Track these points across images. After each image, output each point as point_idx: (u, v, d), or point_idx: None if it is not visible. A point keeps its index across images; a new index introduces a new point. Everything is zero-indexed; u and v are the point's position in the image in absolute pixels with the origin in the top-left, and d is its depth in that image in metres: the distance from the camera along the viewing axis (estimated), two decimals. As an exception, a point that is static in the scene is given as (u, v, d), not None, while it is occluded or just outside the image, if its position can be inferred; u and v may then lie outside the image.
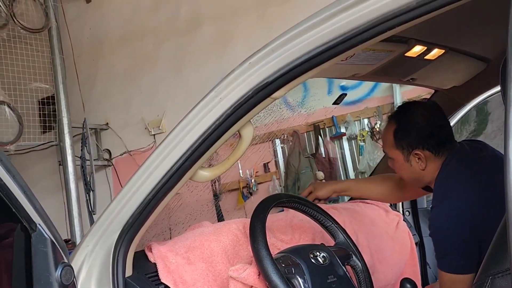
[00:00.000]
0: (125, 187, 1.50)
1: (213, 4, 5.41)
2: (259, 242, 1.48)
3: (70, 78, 5.76)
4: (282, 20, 4.72)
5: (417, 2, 1.14)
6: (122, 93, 5.95)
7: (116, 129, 5.94)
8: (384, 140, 2.06)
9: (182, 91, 5.44)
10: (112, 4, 6.05)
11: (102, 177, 5.90)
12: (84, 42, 6.15)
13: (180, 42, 5.60)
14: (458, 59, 1.98)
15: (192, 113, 1.42)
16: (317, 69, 1.34)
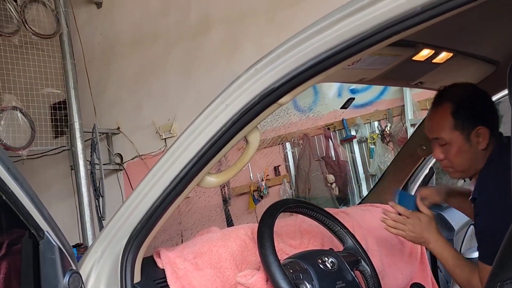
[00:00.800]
0: (133, 193, 1.50)
1: (222, 7, 5.42)
2: (267, 248, 1.48)
3: (82, 83, 5.79)
4: (291, 23, 4.72)
5: (422, 7, 1.14)
6: (133, 97, 5.98)
7: (127, 133, 5.97)
8: (437, 125, 1.89)
9: (193, 94, 5.46)
10: (122, 9, 6.08)
11: (114, 181, 5.93)
12: (95, 47, 6.19)
13: (190, 46, 5.62)
14: (466, 62, 1.97)
15: (199, 120, 1.42)
16: (323, 74, 1.33)
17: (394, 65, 1.76)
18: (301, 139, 5.11)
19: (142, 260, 1.57)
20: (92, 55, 6.13)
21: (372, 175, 4.88)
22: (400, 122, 4.77)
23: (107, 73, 6.15)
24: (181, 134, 1.45)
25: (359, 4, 1.22)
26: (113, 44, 6.12)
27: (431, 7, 1.13)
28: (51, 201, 6.18)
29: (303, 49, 1.30)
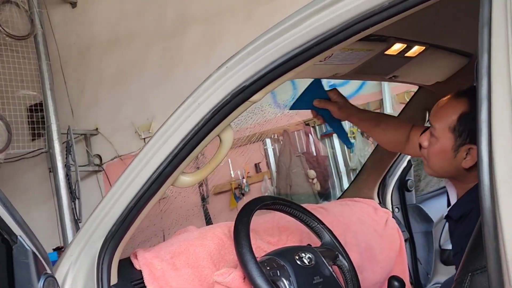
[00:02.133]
0: (107, 195, 1.49)
1: (199, 5, 5.40)
2: (243, 246, 1.48)
3: (58, 84, 5.74)
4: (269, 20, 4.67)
5: (389, 2, 1.14)
6: (111, 98, 5.93)
7: (106, 134, 5.93)
8: (440, 114, 1.75)
9: (171, 94, 5.43)
10: (98, 8, 6.03)
11: (93, 183, 5.88)
12: (71, 48, 6.13)
13: (168, 45, 5.59)
14: (439, 55, 1.98)
15: (171, 119, 1.42)
16: (294, 71, 1.34)
17: (367, 59, 1.77)
18: (281, 135, 5.11)
19: (118, 261, 1.56)
20: (68, 56, 6.07)
21: (353, 169, 4.90)
22: (379, 116, 4.79)
23: (84, 73, 6.09)
24: (154, 134, 1.44)
25: (327, 1, 1.23)
26: (89, 44, 6.06)
27: (398, 2, 1.13)
28: (30, 204, 6.12)
29: (274, 47, 1.30)
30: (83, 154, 5.90)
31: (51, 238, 5.42)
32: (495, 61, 0.98)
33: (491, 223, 0.96)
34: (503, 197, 0.94)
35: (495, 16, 0.99)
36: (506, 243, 0.93)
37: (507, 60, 0.96)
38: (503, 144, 0.95)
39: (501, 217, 0.94)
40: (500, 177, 0.95)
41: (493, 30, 0.99)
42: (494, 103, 0.97)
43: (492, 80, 0.98)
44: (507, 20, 0.97)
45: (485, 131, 0.98)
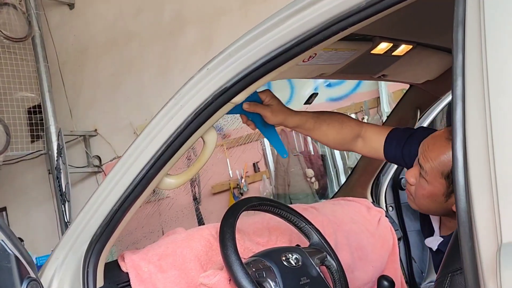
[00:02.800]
0: (91, 198, 1.50)
1: (195, 5, 5.40)
2: (228, 248, 1.48)
3: (57, 86, 5.75)
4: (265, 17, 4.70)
5: (366, 2, 1.14)
6: (109, 98, 5.95)
7: (105, 134, 5.94)
8: (432, 160, 1.62)
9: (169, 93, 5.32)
10: (95, 10, 6.04)
11: (93, 184, 5.90)
12: (69, 49, 6.15)
13: (165, 45, 5.60)
14: (427, 53, 1.98)
15: (154, 122, 1.42)
16: (275, 71, 1.34)
17: (354, 59, 1.76)
18: (279, 134, 5.10)
19: (105, 264, 1.56)
20: (66, 57, 6.08)
21: (351, 168, 4.89)
22: (377, 114, 4.79)
23: (82, 75, 6.11)
24: (136, 137, 1.44)
25: (306, 1, 1.23)
26: (87, 45, 6.08)
27: (375, 2, 1.13)
28: (30, 206, 6.15)
29: (254, 48, 1.30)
30: (82, 156, 5.91)
31: (51, 240, 5.44)
32: (469, 61, 0.98)
33: (467, 224, 0.96)
34: (477, 198, 0.94)
35: (469, 16, 0.99)
36: (480, 244, 0.93)
37: (481, 60, 0.96)
38: (477, 144, 0.95)
39: (475, 218, 0.94)
40: (474, 177, 0.95)
41: (467, 29, 0.99)
42: (468, 102, 0.97)
43: (466, 80, 0.98)
44: (481, 20, 0.96)
45: (460, 131, 0.98)
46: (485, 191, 0.92)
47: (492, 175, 0.92)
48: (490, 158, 0.92)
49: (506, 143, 0.91)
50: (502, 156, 0.91)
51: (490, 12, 0.95)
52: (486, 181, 0.92)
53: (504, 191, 0.90)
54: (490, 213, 0.91)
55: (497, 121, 0.93)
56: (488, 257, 0.90)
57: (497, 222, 0.89)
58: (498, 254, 0.87)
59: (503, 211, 0.89)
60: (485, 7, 0.96)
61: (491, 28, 0.95)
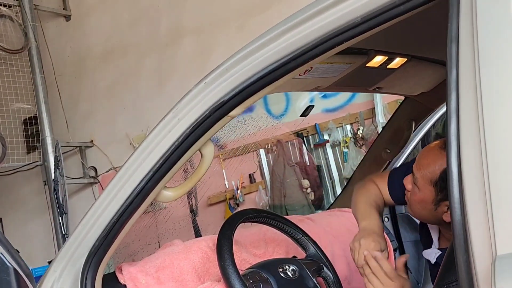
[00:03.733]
0: (90, 211, 1.50)
1: (193, 16, 5.42)
2: (226, 260, 1.49)
3: (53, 97, 5.76)
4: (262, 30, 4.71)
5: (362, 18, 1.16)
6: (106, 110, 5.95)
7: (101, 146, 5.93)
8: (422, 167, 1.68)
9: (166, 105, 5.37)
10: (92, 21, 6.06)
11: (89, 195, 5.88)
12: (66, 60, 6.15)
13: (162, 56, 5.61)
14: (422, 66, 2.00)
15: (152, 135, 1.43)
16: (272, 85, 1.35)
17: (349, 72, 1.78)
18: (275, 145, 5.12)
19: (103, 276, 1.57)
20: (62, 69, 6.09)
21: (346, 178, 4.91)
22: (372, 125, 4.81)
23: (78, 86, 6.11)
24: (135, 150, 1.45)
25: (302, 16, 1.25)
26: (83, 56, 6.09)
27: (370, 18, 1.15)
28: (27, 217, 6.14)
29: (251, 62, 1.32)
30: (78, 167, 5.91)
31: (47, 251, 5.43)
32: (463, 75, 1.00)
33: (462, 236, 0.97)
34: (472, 210, 0.95)
35: (462, 31, 1.01)
36: (475, 256, 0.94)
37: (474, 74, 0.98)
38: (471, 157, 0.97)
39: (470, 230, 0.95)
40: (469, 190, 0.96)
41: (461, 45, 1.01)
42: (462, 116, 0.99)
43: (460, 94, 1.00)
44: (474, 36, 0.98)
45: (454, 144, 1.00)
46: (479, 204, 0.94)
47: (486, 187, 0.93)
48: (484, 171, 0.94)
49: (500, 156, 0.93)
50: (496, 169, 0.93)
51: (483, 28, 0.97)
52: (480, 194, 0.94)
53: (498, 204, 0.91)
54: (484, 225, 0.92)
55: (491, 134, 0.94)
56: (483, 269, 0.92)
57: (491, 235, 0.91)
58: (493, 266, 0.89)
59: (497, 224, 0.91)
60: (478, 23, 0.97)
61: (484, 44, 0.97)
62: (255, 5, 5.00)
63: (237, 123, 4.93)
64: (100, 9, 5.99)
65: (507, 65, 0.94)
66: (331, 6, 1.19)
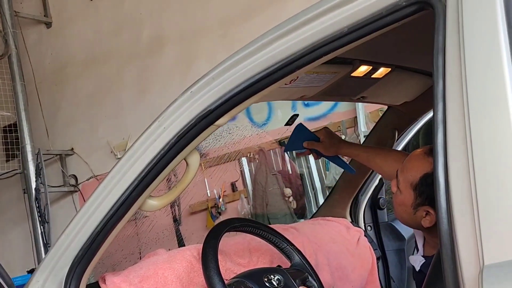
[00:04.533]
0: (73, 220, 1.49)
1: (175, 25, 5.42)
2: (211, 269, 1.48)
3: (33, 105, 5.70)
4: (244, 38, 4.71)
5: (348, 28, 1.16)
6: (87, 118, 5.91)
7: (82, 154, 5.89)
8: (405, 170, 1.72)
9: (147, 113, 5.42)
10: (73, 28, 6.02)
11: (69, 203, 5.83)
12: (46, 68, 6.11)
13: (144, 64, 5.59)
14: (405, 76, 2.02)
15: (137, 144, 1.42)
16: (259, 94, 1.35)
17: (334, 81, 1.79)
18: (257, 154, 5.12)
19: (86, 286, 1.55)
20: (43, 76, 6.04)
21: (329, 187, 4.92)
22: (354, 133, 4.83)
23: (59, 94, 6.06)
24: (119, 159, 1.44)
25: (289, 26, 1.25)
26: (64, 64, 6.04)
27: (357, 28, 1.16)
28: (7, 226, 6.06)
29: (237, 71, 1.32)
30: (58, 175, 5.85)
31: (26, 260, 5.36)
32: (450, 86, 1.01)
33: (449, 246, 0.98)
34: (459, 220, 0.96)
35: (449, 43, 1.02)
36: (462, 266, 0.95)
37: (461, 85, 0.99)
38: (458, 167, 0.97)
39: (458, 240, 0.95)
40: (456, 200, 0.97)
41: (447, 56, 1.02)
42: (449, 126, 1.00)
43: (447, 105, 1.01)
44: (460, 47, 0.99)
45: (441, 154, 1.00)
46: (466, 214, 0.95)
47: (473, 197, 0.94)
48: (471, 180, 0.95)
49: (487, 166, 0.93)
50: (483, 179, 0.93)
51: (469, 39, 0.98)
52: (467, 204, 0.94)
53: (485, 214, 0.92)
54: (472, 235, 0.93)
55: (477, 144, 0.95)
56: (470, 279, 0.92)
57: (479, 244, 0.91)
58: (480, 276, 0.89)
59: (485, 233, 0.91)
60: (464, 35, 0.98)
61: (471, 54, 0.98)
62: (238, 15, 5.02)
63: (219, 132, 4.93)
64: (82, 17, 5.96)
65: (493, 75, 0.95)
66: (318, 16, 1.19)
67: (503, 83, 0.94)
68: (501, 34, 0.95)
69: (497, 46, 0.95)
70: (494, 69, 0.95)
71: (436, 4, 1.05)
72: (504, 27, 0.95)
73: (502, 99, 0.93)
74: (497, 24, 0.95)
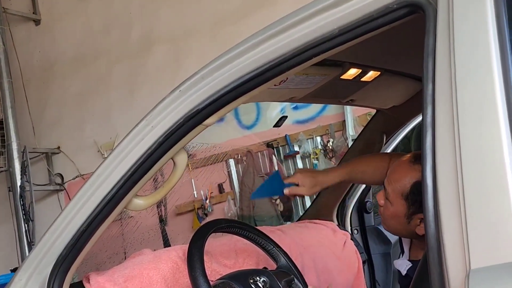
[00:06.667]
0: (58, 218, 1.47)
1: (165, 25, 5.40)
2: (197, 270, 1.47)
3: (20, 102, 5.66)
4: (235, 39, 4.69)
5: (339, 30, 1.16)
6: (75, 116, 5.88)
7: (68, 152, 5.85)
8: (393, 181, 1.71)
9: (135, 113, 5.40)
10: (62, 26, 5.98)
11: (54, 202, 5.79)
12: (34, 65, 6.06)
13: (133, 64, 5.57)
14: (394, 80, 2.02)
15: (124, 142, 1.41)
16: (247, 95, 1.35)
17: (323, 84, 1.79)
18: (245, 156, 5.12)
19: (70, 285, 1.53)
20: (31, 74, 5.99)
21: (316, 190, 4.92)
22: (342, 137, 4.84)
23: (47, 91, 6.02)
24: (106, 157, 1.43)
25: (280, 26, 1.24)
26: (53, 62, 6.00)
27: (348, 30, 1.15)
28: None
29: (227, 71, 1.31)
30: (44, 173, 5.80)
31: (10, 259, 5.31)
32: (439, 90, 1.01)
33: (436, 249, 0.97)
34: (446, 224, 0.96)
35: (439, 46, 1.02)
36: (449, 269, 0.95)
37: (450, 89, 0.99)
38: (446, 170, 0.97)
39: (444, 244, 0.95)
40: (443, 203, 0.97)
41: (437, 60, 1.02)
42: (438, 130, 1.00)
43: (436, 108, 1.01)
44: (450, 51, 0.99)
45: (430, 157, 1.00)
46: (454, 217, 0.94)
47: (461, 201, 0.94)
48: (459, 184, 0.95)
49: (475, 171, 0.93)
50: (471, 183, 0.93)
51: (460, 43, 0.98)
52: (455, 207, 0.94)
53: (472, 218, 0.92)
54: (459, 239, 0.93)
55: (466, 148, 0.95)
56: (456, 283, 0.92)
57: (465, 248, 0.91)
58: (467, 280, 0.89)
59: (471, 238, 0.91)
60: (455, 38, 0.98)
61: (461, 58, 0.98)
62: (229, 15, 5.01)
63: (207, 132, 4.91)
64: (71, 14, 5.92)
65: (483, 79, 0.95)
66: (309, 17, 1.19)
67: (493, 87, 0.94)
68: (491, 38, 0.95)
69: (488, 50, 0.95)
70: (484, 73, 0.95)
71: (427, 7, 1.05)
72: (495, 31, 0.96)
73: (491, 103, 0.93)
74: (487, 28, 0.96)
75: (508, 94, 0.94)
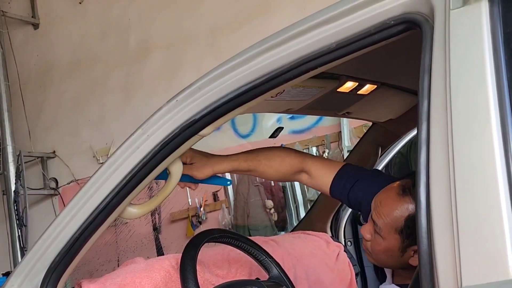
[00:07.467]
0: (51, 225, 1.47)
1: (162, 32, 5.42)
2: (189, 281, 1.47)
3: (16, 106, 5.66)
4: (231, 48, 4.76)
5: (336, 44, 1.17)
6: (70, 121, 5.88)
7: (64, 157, 5.84)
8: (384, 216, 1.63)
9: (131, 119, 5.40)
10: (60, 31, 5.99)
11: (49, 207, 5.77)
12: (31, 69, 6.07)
13: (130, 69, 5.58)
14: (390, 93, 2.03)
15: (120, 150, 1.41)
16: (244, 106, 1.35)
17: (320, 96, 1.79)
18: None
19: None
20: (28, 77, 6.00)
21: (310, 200, 4.92)
22: (337, 148, 4.85)
23: (43, 95, 6.02)
24: (102, 164, 1.43)
25: (278, 39, 1.25)
26: (50, 66, 6.01)
27: (345, 44, 1.16)
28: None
29: (224, 82, 1.32)
30: (39, 177, 5.79)
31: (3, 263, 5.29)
32: (434, 106, 1.01)
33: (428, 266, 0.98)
34: (439, 241, 0.96)
35: (435, 63, 1.02)
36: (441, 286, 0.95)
37: (445, 106, 0.99)
38: (440, 187, 0.98)
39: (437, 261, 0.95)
40: (436, 220, 0.97)
41: (433, 76, 1.02)
42: (432, 146, 1.00)
43: (431, 125, 1.01)
44: (446, 68, 1.00)
45: (424, 174, 1.01)
46: (446, 234, 0.95)
47: (454, 218, 0.94)
48: (452, 202, 0.95)
49: (468, 188, 0.94)
50: (464, 200, 0.94)
51: (455, 60, 0.99)
52: (448, 225, 0.94)
53: (465, 235, 0.92)
54: (451, 256, 0.93)
55: (460, 165, 0.95)
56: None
57: (457, 265, 0.92)
58: (458, 297, 0.89)
59: (463, 255, 0.91)
60: (451, 56, 0.99)
61: (456, 76, 0.99)
62: (226, 24, 5.03)
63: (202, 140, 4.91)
64: (70, 19, 5.94)
65: (478, 97, 0.96)
66: (307, 30, 1.20)
67: (487, 105, 0.94)
68: (487, 56, 0.96)
69: (483, 68, 0.96)
70: (479, 91, 0.96)
71: (423, 24, 1.06)
72: (490, 49, 0.96)
73: (486, 121, 0.94)
74: (483, 46, 0.96)
75: (502, 112, 0.94)
